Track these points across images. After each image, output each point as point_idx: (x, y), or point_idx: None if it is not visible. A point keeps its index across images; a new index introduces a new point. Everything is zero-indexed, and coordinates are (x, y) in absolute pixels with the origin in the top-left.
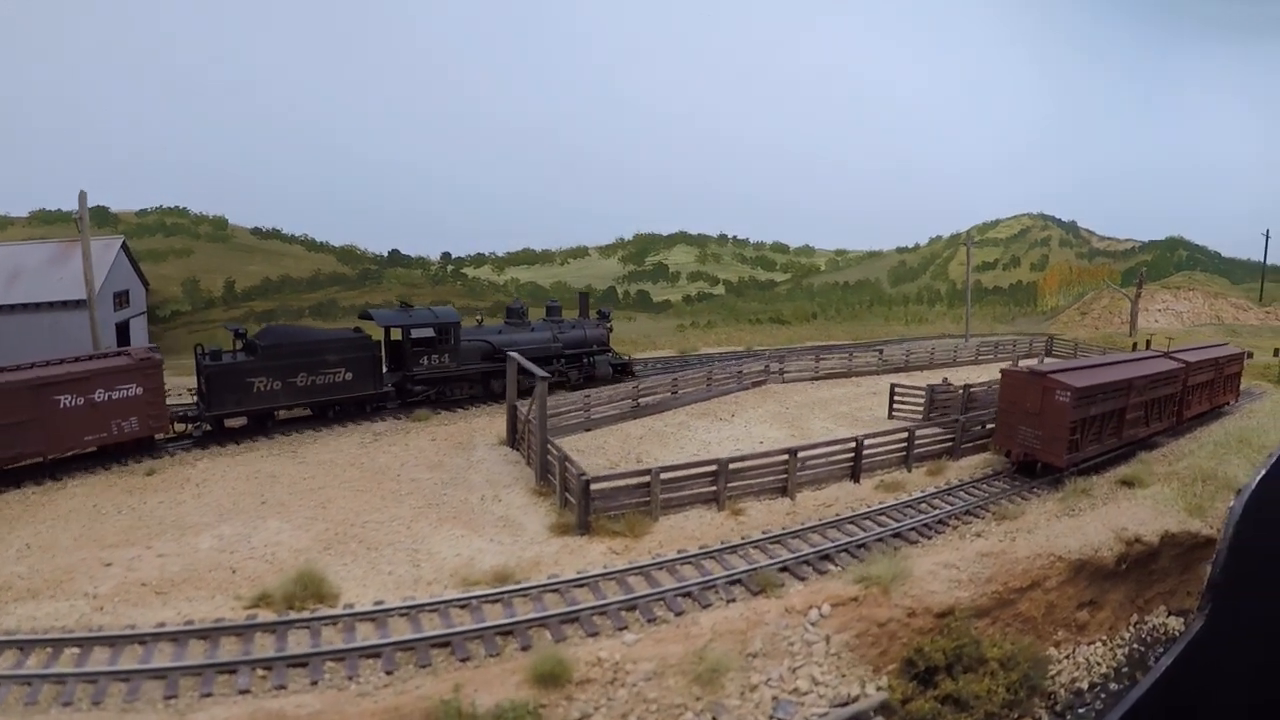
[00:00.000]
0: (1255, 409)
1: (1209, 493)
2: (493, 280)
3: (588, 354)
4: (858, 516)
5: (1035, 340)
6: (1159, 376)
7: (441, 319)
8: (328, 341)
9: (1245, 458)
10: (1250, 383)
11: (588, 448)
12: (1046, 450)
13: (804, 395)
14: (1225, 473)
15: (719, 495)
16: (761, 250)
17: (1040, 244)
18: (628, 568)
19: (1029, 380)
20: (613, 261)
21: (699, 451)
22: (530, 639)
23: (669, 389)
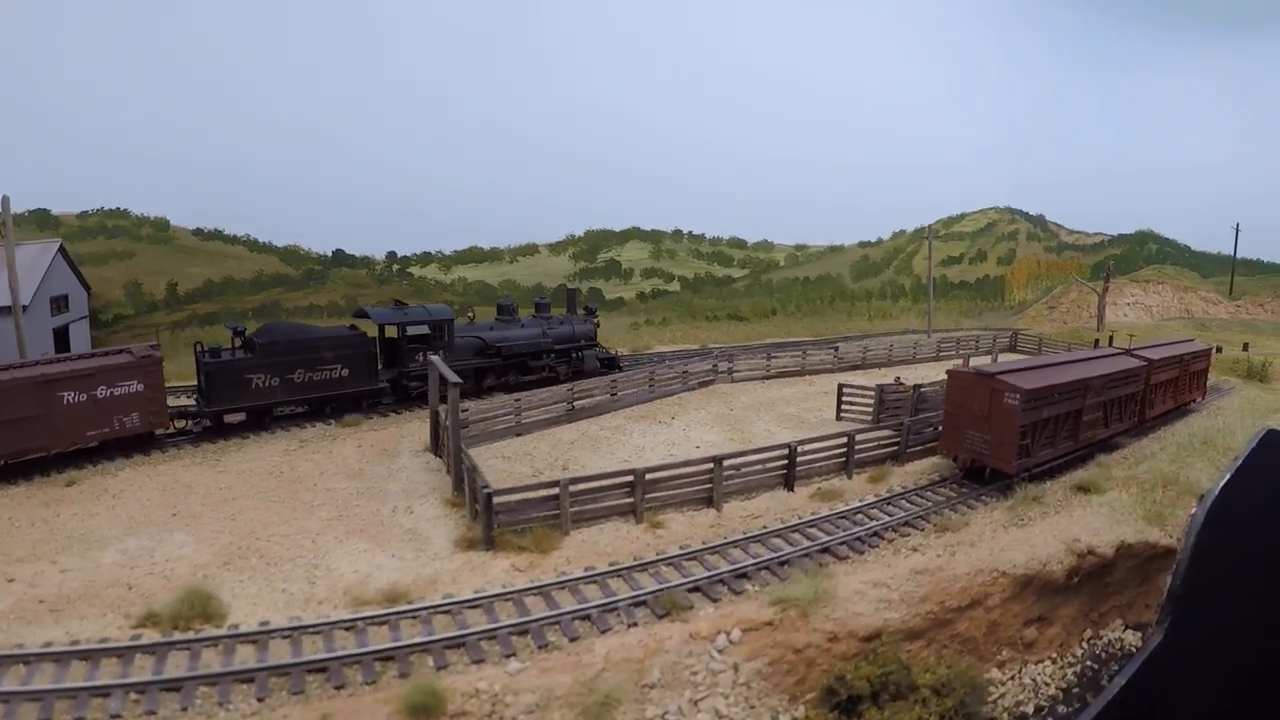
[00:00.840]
0: (1223, 406)
1: (1169, 499)
2: (439, 279)
3: (576, 349)
4: (785, 529)
5: (999, 335)
6: (1119, 375)
7: (436, 316)
8: (324, 339)
9: (1209, 460)
10: (1219, 378)
11: (515, 454)
12: (995, 456)
13: (752, 395)
14: (1187, 477)
15: (636, 507)
16: (718, 246)
17: (1008, 238)
18: (527, 587)
19: (976, 381)
20: (563, 259)
21: (630, 457)
22: (410, 666)
23: (607, 390)
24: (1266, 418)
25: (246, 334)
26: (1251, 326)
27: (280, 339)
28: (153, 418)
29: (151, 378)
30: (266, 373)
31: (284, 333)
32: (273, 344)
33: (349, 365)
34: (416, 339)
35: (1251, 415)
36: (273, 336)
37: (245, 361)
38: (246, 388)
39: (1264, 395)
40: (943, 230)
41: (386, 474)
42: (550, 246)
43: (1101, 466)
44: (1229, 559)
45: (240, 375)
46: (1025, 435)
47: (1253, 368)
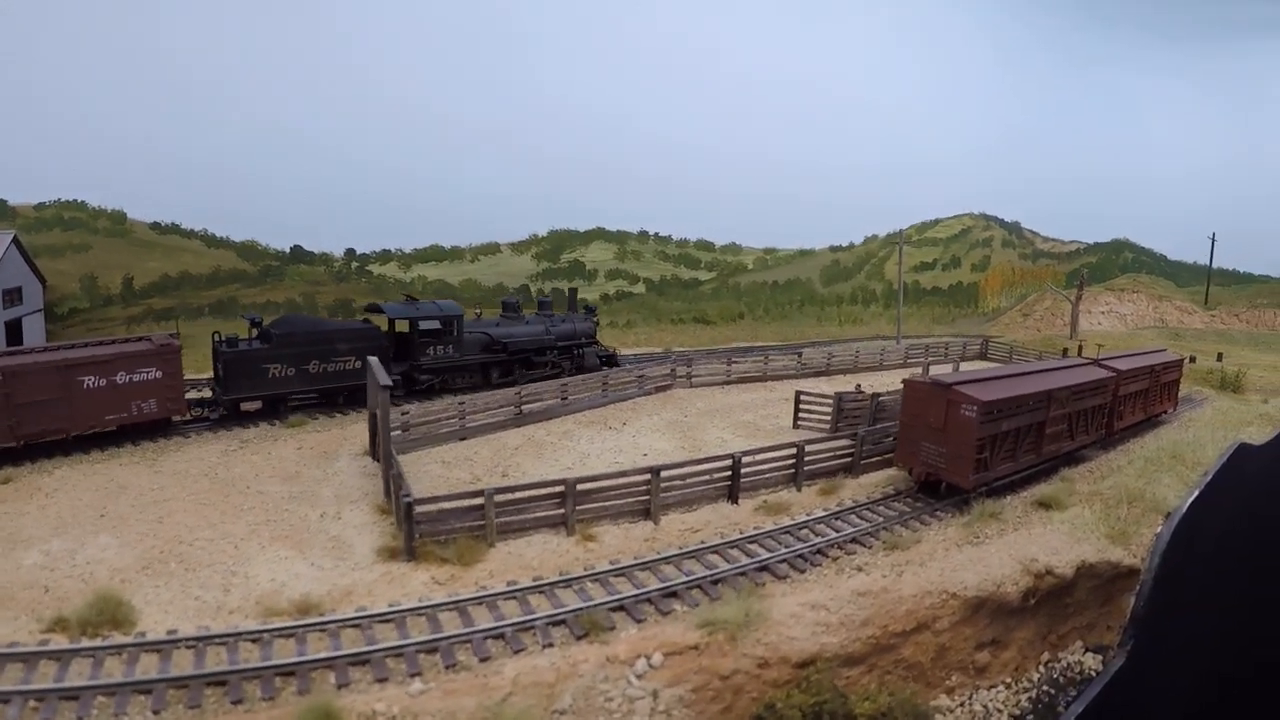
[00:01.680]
0: (1194, 418)
1: (1134, 517)
2: (399, 278)
3: (577, 346)
4: (723, 545)
5: (969, 343)
6: (1085, 386)
7: (446, 312)
8: (339, 331)
9: (1177, 476)
10: (1191, 388)
11: (456, 459)
12: (951, 469)
13: (710, 401)
14: (1154, 494)
15: (568, 519)
16: (685, 248)
17: (982, 244)
18: (444, 602)
19: (932, 392)
20: (526, 259)
21: (574, 465)
22: (311, 682)
23: (557, 394)
24: (1238, 430)
25: (263, 324)
26: (1226, 336)
27: (297, 330)
28: (170, 404)
29: (170, 365)
30: (283, 363)
31: (301, 324)
32: (290, 335)
33: (362, 357)
34: (428, 334)
35: (1223, 427)
36: (290, 328)
37: (263, 351)
38: (263, 377)
39: (1237, 406)
40: (916, 235)
41: (322, 477)
42: (513, 246)
43: (1065, 481)
44: (1196, 578)
45: (257, 365)
46: (982, 449)
47: (1226, 378)
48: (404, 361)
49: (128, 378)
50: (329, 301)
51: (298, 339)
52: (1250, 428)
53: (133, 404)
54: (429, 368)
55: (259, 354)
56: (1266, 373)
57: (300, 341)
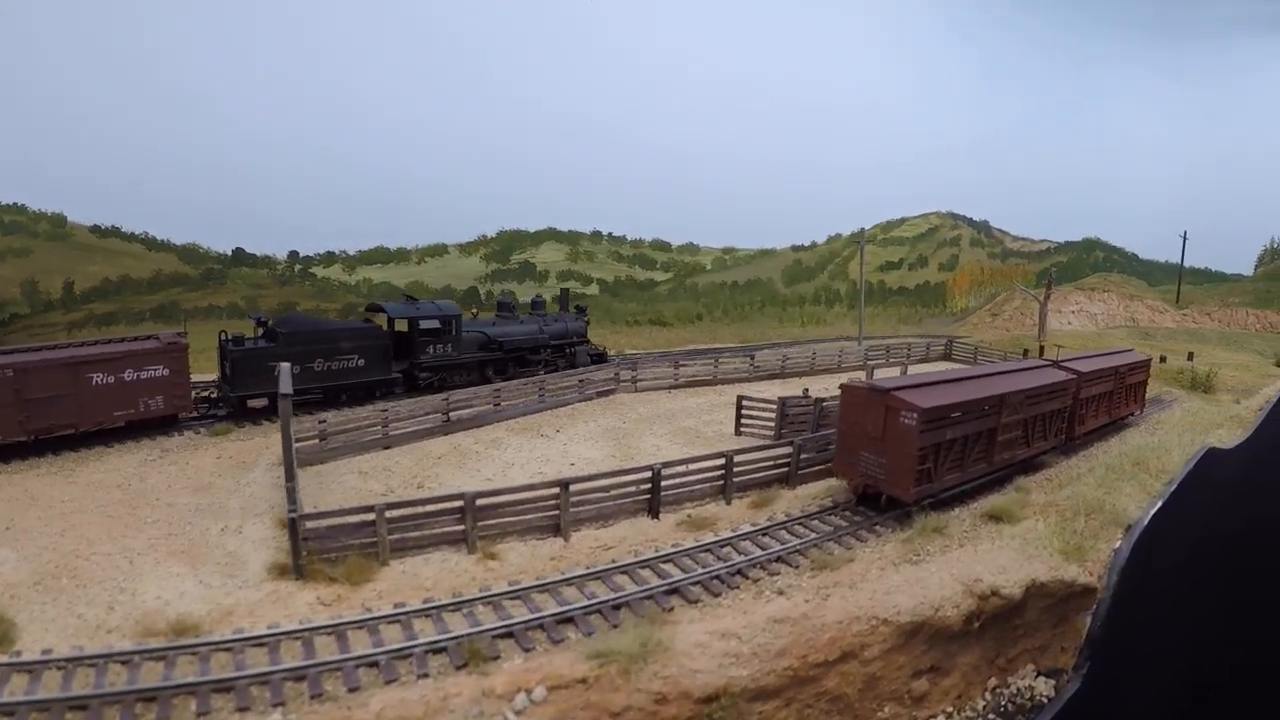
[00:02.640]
0: (1162, 420)
1: (1092, 530)
2: (344, 280)
3: (569, 345)
4: (634, 565)
5: (933, 344)
6: (1043, 390)
7: (445, 312)
8: (343, 330)
9: (1139, 485)
10: (1161, 389)
11: (375, 469)
12: (891, 481)
13: (653, 406)
14: (1114, 505)
15: (468, 536)
16: (640, 248)
17: (950, 243)
18: (324, 625)
19: (870, 398)
20: (474, 260)
21: (495, 475)
22: (172, 710)
23: (489, 400)
24: (1207, 434)
25: (269, 323)
26: (1197, 336)
27: (303, 329)
28: (176, 401)
29: (176, 363)
30: (289, 361)
31: (306, 324)
32: (296, 334)
33: (365, 356)
34: (427, 333)
35: (1191, 430)
36: (296, 327)
37: (269, 350)
38: (269, 375)
39: (1206, 408)
40: (881, 235)
41: (234, 488)
42: (460, 247)
43: (1019, 491)
44: (1162, 590)
45: (264, 363)
46: (925, 459)
47: (1196, 378)
48: (404, 360)
49: (135, 375)
50: (272, 305)
51: (303, 338)
52: (1220, 430)
53: (140, 401)
54: (428, 366)
55: (266, 352)
56: (1238, 372)
57: (306, 340)
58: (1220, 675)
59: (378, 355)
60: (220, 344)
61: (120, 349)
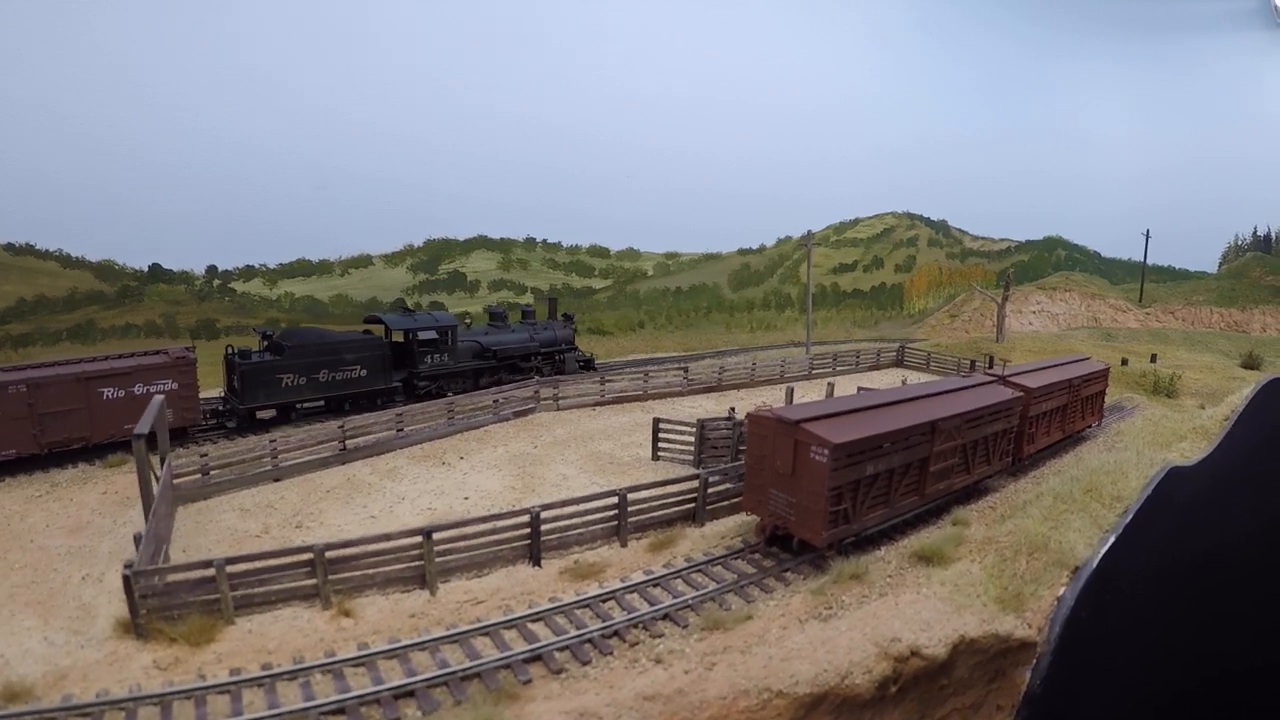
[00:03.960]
0: (1122, 431)
1: (1034, 573)
2: (264, 295)
3: (558, 351)
4: (500, 624)
5: (885, 350)
6: (984, 412)
7: (442, 322)
8: (346, 342)
9: (1090, 517)
10: (1122, 395)
11: (258, 505)
12: (801, 524)
13: (572, 427)
14: (1060, 543)
15: (321, 590)
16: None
17: (907, 244)
18: (152, 694)
19: (778, 429)
20: (401, 271)
21: (382, 512)
22: None
23: (392, 426)
24: (1169, 447)
25: (273, 337)
26: (1161, 336)
27: (309, 342)
28: (186, 414)
29: (185, 377)
30: (295, 373)
31: (310, 336)
32: (302, 346)
33: (367, 366)
34: (425, 343)
35: (1152, 444)
36: (301, 339)
37: (277, 363)
38: (277, 386)
39: (1170, 415)
40: (835, 236)
41: (110, 529)
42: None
43: (956, 524)
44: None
45: (272, 375)
46: (840, 499)
47: (1159, 382)
48: (403, 369)
49: (145, 389)
50: (190, 323)
51: (309, 350)
52: (1183, 443)
53: None
54: (426, 374)
55: (274, 365)
56: (1202, 374)
57: (311, 352)
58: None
59: (378, 365)
60: (227, 358)
61: (130, 364)
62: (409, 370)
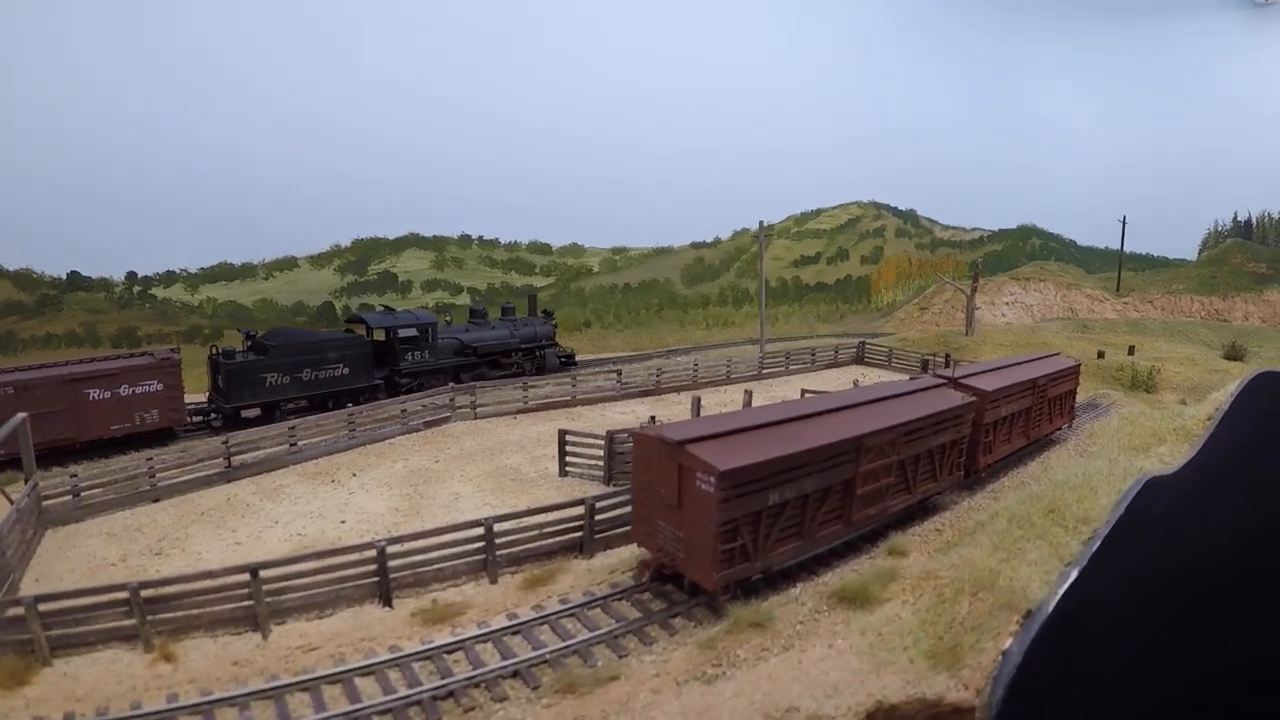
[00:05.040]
0: (1095, 433)
1: (977, 618)
2: (186, 301)
3: (539, 348)
4: (324, 678)
5: (843, 346)
6: (926, 422)
7: (422, 320)
8: (328, 341)
9: (1051, 545)
10: (1097, 390)
11: (128, 528)
12: (691, 562)
13: (486, 438)
14: (1011, 579)
15: (141, 631)
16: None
17: (873, 234)
18: None
19: (662, 451)
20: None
21: (250, 538)
22: None
23: (285, 440)
24: (1147, 452)
25: (256, 336)
26: (1139, 326)
27: (292, 341)
28: (172, 415)
29: (171, 378)
30: (279, 372)
31: (294, 336)
32: (285, 346)
33: (350, 365)
34: (406, 340)
35: (1128, 449)
36: (285, 339)
37: (261, 362)
38: (261, 386)
39: (1149, 413)
40: (795, 228)
41: None
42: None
43: (892, 553)
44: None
45: (256, 374)
46: (735, 534)
47: (1137, 377)
48: (385, 367)
49: (131, 390)
50: (112, 331)
51: (293, 349)
52: (1163, 446)
53: (136, 415)
54: (408, 371)
55: (258, 364)
56: (1183, 367)
57: (295, 351)
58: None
59: (361, 363)
60: (211, 358)
61: (116, 365)
62: (390, 368)
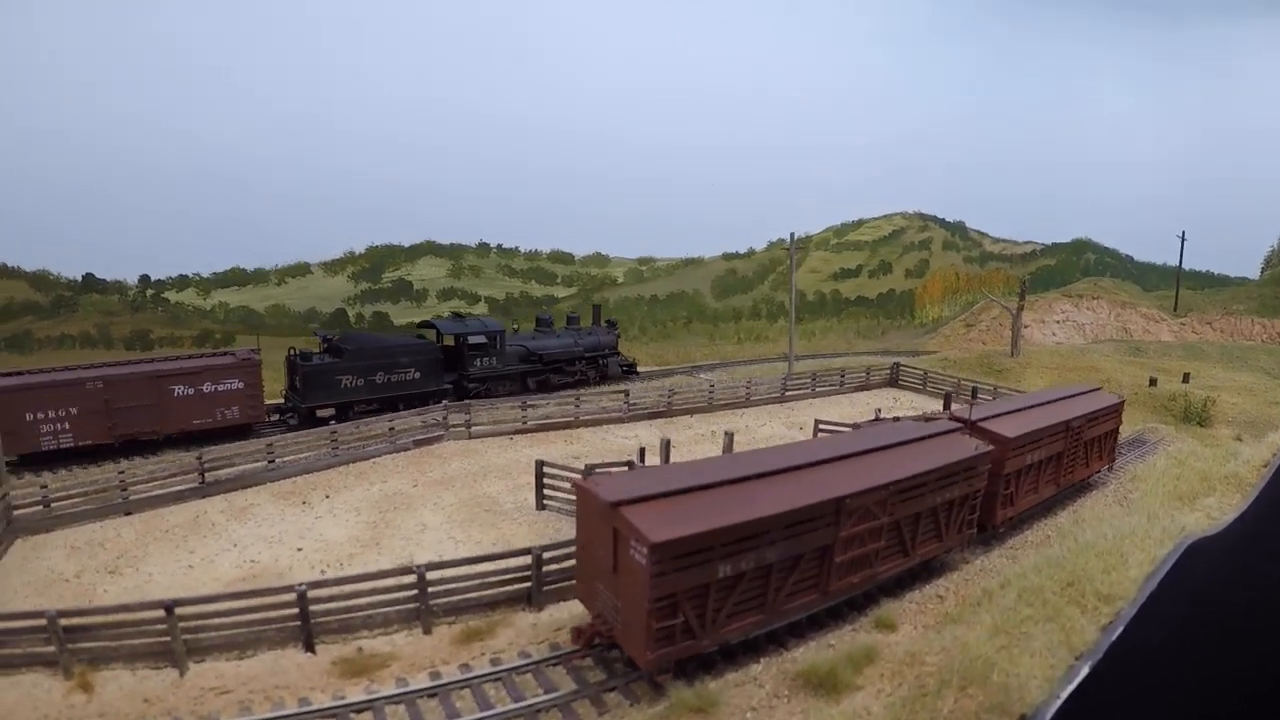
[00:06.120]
0: (1140, 476)
1: (962, 718)
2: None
3: (601, 356)
4: None
5: (876, 368)
6: (928, 477)
7: (491, 328)
8: (401, 345)
9: (1062, 629)
10: (1145, 424)
11: (90, 544)
12: (625, 634)
13: (472, 461)
14: (1008, 674)
15: (60, 659)
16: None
17: (918, 246)
18: None
19: (598, 510)
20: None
21: (202, 562)
22: None
23: (263, 457)
24: (1193, 503)
25: (332, 340)
26: (1195, 350)
27: (367, 345)
28: (251, 411)
29: (251, 377)
30: (354, 374)
31: (368, 341)
32: (360, 349)
33: (420, 369)
34: (475, 347)
35: (1172, 499)
36: (360, 343)
37: (337, 365)
38: (336, 387)
39: (1200, 452)
40: (835, 239)
41: None
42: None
43: (879, 625)
44: None
45: (332, 376)
46: (675, 610)
47: (1190, 408)
48: (454, 371)
49: (213, 387)
50: (124, 334)
51: (368, 353)
52: (1210, 497)
53: (218, 410)
54: (476, 377)
55: (334, 367)
56: (1241, 398)
57: (370, 355)
58: None
59: (431, 368)
60: (289, 359)
61: (199, 364)
62: (459, 373)
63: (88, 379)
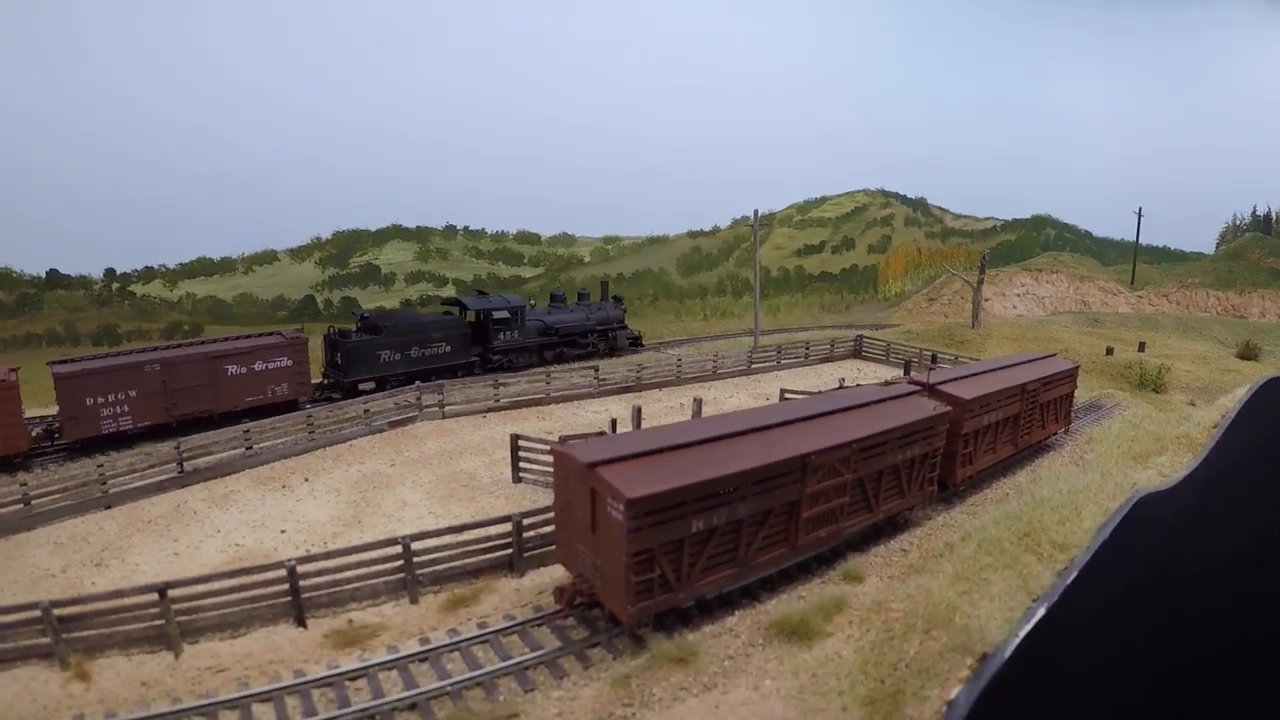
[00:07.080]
0: (1093, 438)
1: (925, 661)
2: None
3: (610, 330)
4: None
5: (840, 340)
6: (889, 435)
7: (513, 304)
8: (433, 323)
9: (1020, 575)
10: (1102, 390)
11: (73, 539)
12: (606, 591)
13: (448, 440)
14: (969, 616)
15: (56, 650)
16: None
17: (880, 223)
18: None
19: (576, 472)
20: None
21: (188, 549)
22: None
23: (241, 444)
24: (1146, 462)
25: (369, 318)
26: (1152, 322)
27: (403, 322)
28: (299, 388)
29: (298, 355)
30: (392, 349)
31: (403, 318)
32: (396, 326)
33: (451, 343)
34: (499, 321)
35: (1126, 458)
36: (396, 321)
37: (376, 341)
38: (376, 362)
39: (1153, 416)
40: (798, 215)
41: None
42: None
43: (847, 578)
44: None
45: (372, 352)
46: (652, 564)
47: (1145, 376)
48: (479, 345)
49: (264, 365)
50: (92, 329)
51: (403, 329)
52: (1163, 456)
53: (268, 388)
54: (499, 349)
55: (373, 343)
56: (1194, 365)
57: (405, 331)
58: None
59: (460, 342)
60: (328, 337)
61: (251, 343)
62: (484, 346)
63: (145, 362)
